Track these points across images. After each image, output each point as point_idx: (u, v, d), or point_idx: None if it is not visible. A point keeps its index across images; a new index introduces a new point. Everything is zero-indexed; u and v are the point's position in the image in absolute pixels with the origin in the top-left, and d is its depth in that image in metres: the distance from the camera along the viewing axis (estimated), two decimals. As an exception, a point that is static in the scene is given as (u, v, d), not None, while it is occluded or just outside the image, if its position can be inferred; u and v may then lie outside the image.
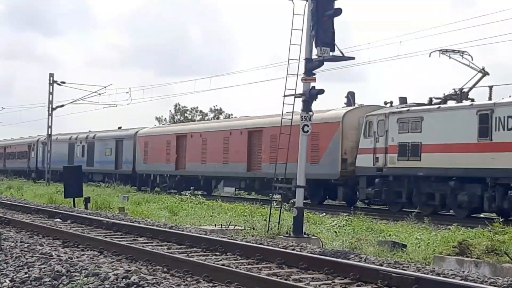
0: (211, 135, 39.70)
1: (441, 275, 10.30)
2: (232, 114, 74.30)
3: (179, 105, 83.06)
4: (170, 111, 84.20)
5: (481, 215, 25.47)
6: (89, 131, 56.63)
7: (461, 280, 9.81)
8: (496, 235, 14.41)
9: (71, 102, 55.53)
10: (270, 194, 21.19)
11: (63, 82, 54.27)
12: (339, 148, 29.82)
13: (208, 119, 74.68)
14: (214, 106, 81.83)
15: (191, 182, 40.65)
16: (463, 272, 11.02)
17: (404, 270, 10.52)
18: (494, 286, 9.36)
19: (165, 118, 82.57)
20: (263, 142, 34.76)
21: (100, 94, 52.23)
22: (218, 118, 76.70)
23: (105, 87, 52.09)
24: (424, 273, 10.30)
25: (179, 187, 41.15)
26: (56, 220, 20.07)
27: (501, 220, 17.50)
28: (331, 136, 30.21)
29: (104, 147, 51.10)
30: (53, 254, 11.51)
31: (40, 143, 62.38)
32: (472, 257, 12.82)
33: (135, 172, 46.52)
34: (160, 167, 43.85)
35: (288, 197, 27.55)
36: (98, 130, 54.91)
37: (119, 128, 53.38)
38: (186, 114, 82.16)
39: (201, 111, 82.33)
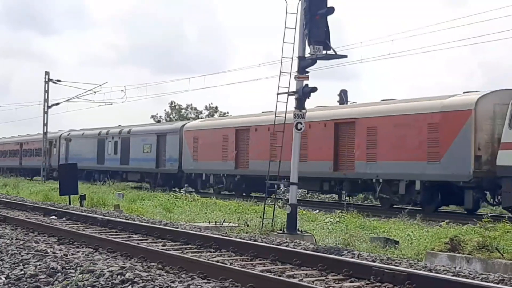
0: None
1: (433, 271, 10.34)
2: (227, 112, 74.46)
3: (175, 102, 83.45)
4: (165, 110, 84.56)
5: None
6: (119, 125, 51.90)
7: (453, 276, 9.85)
8: (487, 231, 14.52)
9: (66, 100, 55.62)
10: (265, 194, 20.82)
11: (59, 81, 54.44)
12: (471, 142, 23.76)
13: (202, 117, 74.52)
14: (209, 104, 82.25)
15: (255, 183, 34.58)
16: (455, 268, 11.07)
17: (396, 266, 10.55)
18: (486, 281, 9.36)
19: (160, 116, 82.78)
20: (357, 136, 28.41)
21: (95, 92, 52.35)
22: (212, 115, 76.66)
23: (100, 85, 52.17)
24: (416, 269, 10.34)
25: (238, 188, 36.20)
26: (51, 217, 20.14)
27: None
28: (458, 128, 24.28)
29: (142, 143, 45.03)
30: (49, 251, 11.54)
31: (63, 139, 57.27)
32: (463, 253, 12.88)
33: (181, 171, 40.58)
34: (215, 166, 37.61)
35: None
36: (134, 124, 49.34)
37: (158, 121, 50.05)
38: (181, 112, 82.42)
39: (195, 109, 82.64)
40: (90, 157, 51.09)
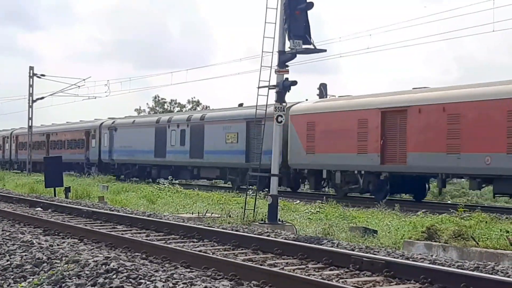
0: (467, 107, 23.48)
1: (410, 259, 10.54)
2: (209, 106, 74.45)
3: (158, 97, 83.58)
4: (147, 104, 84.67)
5: None
6: (186, 111, 46.30)
7: (429, 263, 10.04)
8: (462, 220, 14.80)
9: (51, 95, 55.57)
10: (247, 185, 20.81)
11: (43, 75, 54.50)
12: None
13: (185, 111, 74.40)
14: (192, 98, 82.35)
15: (410, 183, 27.69)
16: (432, 256, 11.28)
17: (375, 254, 10.76)
18: (461, 269, 9.54)
19: (144, 110, 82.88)
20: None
21: (79, 86, 52.33)
22: (195, 109, 76.69)
23: (84, 79, 52.11)
24: (394, 257, 10.52)
25: (381, 189, 27.08)
26: (37, 209, 20.28)
27: None
28: None
29: (224, 131, 35.70)
30: (34, 242, 11.66)
31: (105, 128, 48.71)
32: (440, 242, 13.07)
33: (285, 167, 30.48)
34: (344, 160, 28.04)
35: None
36: (211, 108, 41.29)
37: (240, 105, 38.41)
38: (165, 106, 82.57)
39: (179, 103, 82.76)
40: (145, 149, 42.71)
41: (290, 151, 30.82)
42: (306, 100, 32.33)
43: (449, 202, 25.71)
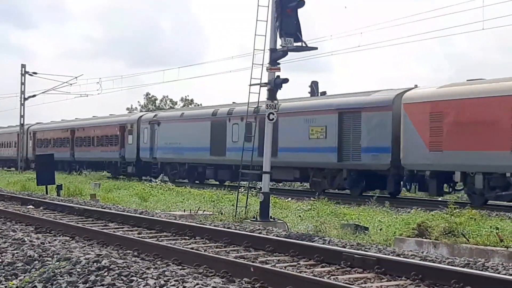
0: None
1: (401, 256, 10.57)
2: (201, 104, 74.47)
3: (150, 94, 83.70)
4: (138, 101, 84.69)
5: None
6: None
7: (420, 260, 10.07)
8: (453, 217, 14.87)
9: (42, 92, 55.55)
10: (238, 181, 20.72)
11: (35, 73, 54.49)
12: None
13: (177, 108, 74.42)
14: (185, 96, 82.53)
15: None
16: (422, 252, 11.31)
17: (366, 251, 10.75)
18: (452, 265, 9.57)
19: (136, 108, 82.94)
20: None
21: (71, 84, 52.25)
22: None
23: (76, 77, 52.03)
24: (385, 254, 10.56)
25: None
26: (28, 206, 20.25)
27: None
28: None
29: (306, 124, 29.94)
30: (26, 239, 11.67)
31: (146, 122, 42.66)
32: (430, 239, 13.17)
33: (396, 167, 25.48)
34: (487, 159, 22.13)
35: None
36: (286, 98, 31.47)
37: (323, 93, 33.05)
38: (156, 104, 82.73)
39: (171, 100, 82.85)
40: (198, 146, 36.68)
41: (404, 148, 25.04)
42: (416, 86, 26.75)
43: (439, 199, 25.72)
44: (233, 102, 36.66)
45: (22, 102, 54.76)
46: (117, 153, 45.51)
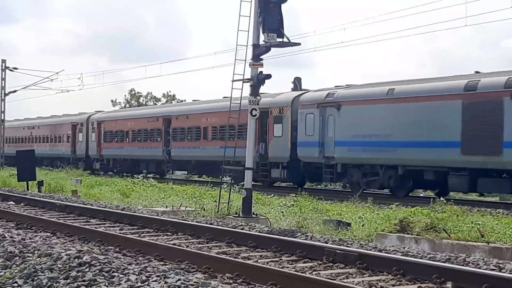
0: None
1: (383, 251, 10.63)
2: (184, 100, 74.43)
3: (134, 90, 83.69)
4: (125, 95, 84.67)
5: None
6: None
7: (402, 255, 10.13)
8: (434, 213, 14.95)
9: (23, 88, 55.22)
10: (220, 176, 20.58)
11: (15, 68, 54.10)
12: None
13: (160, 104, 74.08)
14: (167, 92, 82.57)
15: None
16: (404, 248, 11.38)
17: (348, 247, 10.82)
18: (433, 261, 9.65)
19: (119, 102, 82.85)
20: None
21: (52, 79, 51.96)
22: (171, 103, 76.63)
23: (57, 73, 51.69)
24: (367, 250, 10.63)
25: None
26: (9, 203, 20.14)
27: None
28: None
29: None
30: (6, 235, 11.59)
31: (309, 105, 29.53)
32: (412, 234, 13.24)
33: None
34: None
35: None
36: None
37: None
38: (140, 100, 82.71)
39: (154, 97, 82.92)
40: (431, 140, 24.09)
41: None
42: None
43: (421, 195, 25.89)
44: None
45: (3, 97, 54.38)
46: (258, 149, 30.76)
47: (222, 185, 19.99)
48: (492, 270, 9.05)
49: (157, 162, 41.33)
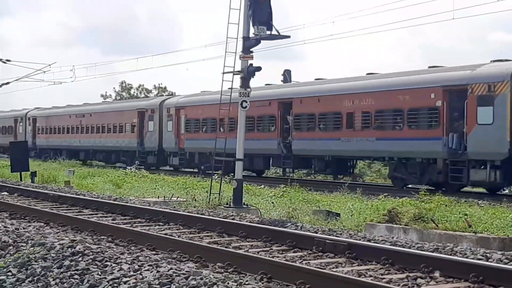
0: None
1: (372, 241, 10.72)
2: (175, 92, 74.17)
3: (125, 82, 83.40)
4: (114, 88, 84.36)
5: None
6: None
7: (390, 245, 10.23)
8: (423, 204, 15.09)
9: (16, 80, 55.05)
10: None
11: (8, 60, 53.80)
12: None
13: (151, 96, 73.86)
14: (159, 84, 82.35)
15: None
16: (393, 238, 11.50)
17: (337, 237, 10.91)
18: (421, 250, 9.74)
19: (110, 95, 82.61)
20: None
21: (44, 72, 51.72)
22: (161, 95, 76.48)
23: (49, 65, 51.28)
24: (356, 239, 10.70)
25: None
26: (3, 193, 20.19)
27: None
28: None
29: None
30: (0, 225, 11.70)
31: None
32: (400, 224, 13.38)
33: None
34: None
35: None
36: None
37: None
38: (131, 92, 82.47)
39: (146, 89, 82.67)
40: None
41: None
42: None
43: (409, 186, 26.10)
44: None
45: (-4, 89, 54.22)
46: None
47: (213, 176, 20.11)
48: (479, 259, 9.14)
49: (266, 157, 32.45)
